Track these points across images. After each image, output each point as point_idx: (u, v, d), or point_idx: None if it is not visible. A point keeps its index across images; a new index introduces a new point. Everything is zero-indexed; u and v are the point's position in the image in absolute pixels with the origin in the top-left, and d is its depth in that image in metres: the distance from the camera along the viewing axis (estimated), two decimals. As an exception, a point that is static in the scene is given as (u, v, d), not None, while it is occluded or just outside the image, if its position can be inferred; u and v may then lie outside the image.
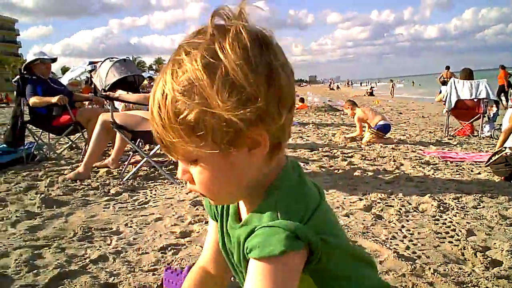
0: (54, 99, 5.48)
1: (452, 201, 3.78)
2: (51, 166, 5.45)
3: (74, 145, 6.72)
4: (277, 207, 0.77)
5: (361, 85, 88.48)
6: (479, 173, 5.02)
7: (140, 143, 5.45)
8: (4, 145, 5.80)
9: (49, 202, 3.73)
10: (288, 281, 0.73)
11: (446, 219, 3.32)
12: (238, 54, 0.71)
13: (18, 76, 5.83)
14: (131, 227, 3.15)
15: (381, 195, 3.95)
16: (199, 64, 0.72)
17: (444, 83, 9.37)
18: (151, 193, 4.11)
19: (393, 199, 3.84)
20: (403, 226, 3.17)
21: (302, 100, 17.71)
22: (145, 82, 7.01)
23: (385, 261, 2.60)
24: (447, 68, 18.30)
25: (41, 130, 6.32)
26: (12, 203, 3.77)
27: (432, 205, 3.63)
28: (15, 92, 6.08)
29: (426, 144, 7.28)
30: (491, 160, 5.05)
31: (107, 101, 5.54)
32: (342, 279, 0.85)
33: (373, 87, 42.16)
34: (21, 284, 2.27)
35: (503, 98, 17.06)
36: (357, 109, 8.01)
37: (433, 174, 4.95)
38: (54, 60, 6.22)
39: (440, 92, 10.04)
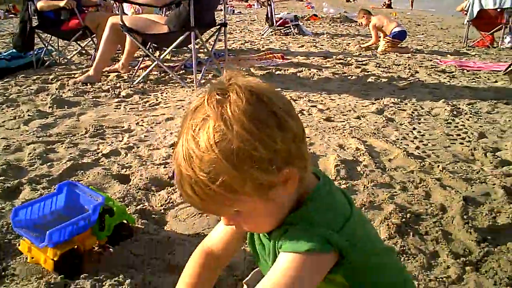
0: (61, 3, 5.34)
1: (466, 106, 3.73)
2: (61, 70, 5.41)
3: (83, 51, 6.63)
4: (310, 216, 0.83)
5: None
6: (495, 82, 4.90)
7: (151, 49, 5.36)
8: (14, 50, 5.75)
9: (60, 103, 3.75)
10: (306, 278, 0.79)
11: (458, 123, 3.29)
12: (245, 120, 0.73)
13: (25, -20, 5.63)
14: (142, 125, 3.18)
15: (394, 99, 3.90)
16: (212, 141, 0.73)
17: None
18: (161, 95, 4.10)
19: (406, 104, 3.80)
20: (414, 128, 3.15)
21: (315, 15, 17.18)
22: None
23: (394, 159, 2.61)
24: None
25: (50, 36, 6.21)
26: (24, 104, 3.79)
27: (445, 109, 3.58)
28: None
29: (443, 54, 7.07)
30: (509, 69, 4.91)
31: (117, 3, 5.38)
32: (370, 272, 0.90)
33: (392, -1, 40.31)
34: (35, 174, 2.33)
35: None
36: (372, 17, 7.73)
37: (448, 81, 4.84)
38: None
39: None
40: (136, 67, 4.92)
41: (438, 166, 2.48)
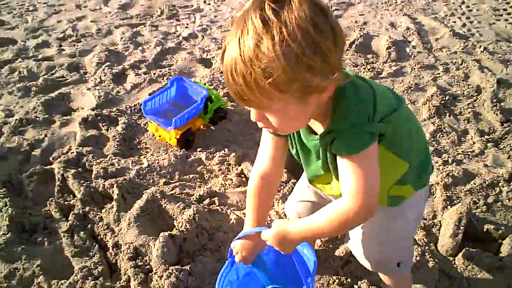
0: None
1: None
2: None
3: None
4: (347, 116, 0.94)
5: None
6: None
7: None
8: None
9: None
10: (373, 162, 0.97)
11: (508, -4, 3.43)
12: (309, 30, 0.80)
13: None
14: (209, 4, 3.51)
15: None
16: (275, 44, 0.79)
17: None
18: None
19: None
20: (463, 3, 3.34)
21: None
22: None
23: (440, 38, 2.90)
24: None
25: None
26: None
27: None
28: None
29: None
30: None
31: None
32: (403, 134, 1.06)
33: None
34: (134, 60, 2.77)
35: None
36: None
37: None
38: None
39: None
40: None
41: (480, 46, 2.78)
